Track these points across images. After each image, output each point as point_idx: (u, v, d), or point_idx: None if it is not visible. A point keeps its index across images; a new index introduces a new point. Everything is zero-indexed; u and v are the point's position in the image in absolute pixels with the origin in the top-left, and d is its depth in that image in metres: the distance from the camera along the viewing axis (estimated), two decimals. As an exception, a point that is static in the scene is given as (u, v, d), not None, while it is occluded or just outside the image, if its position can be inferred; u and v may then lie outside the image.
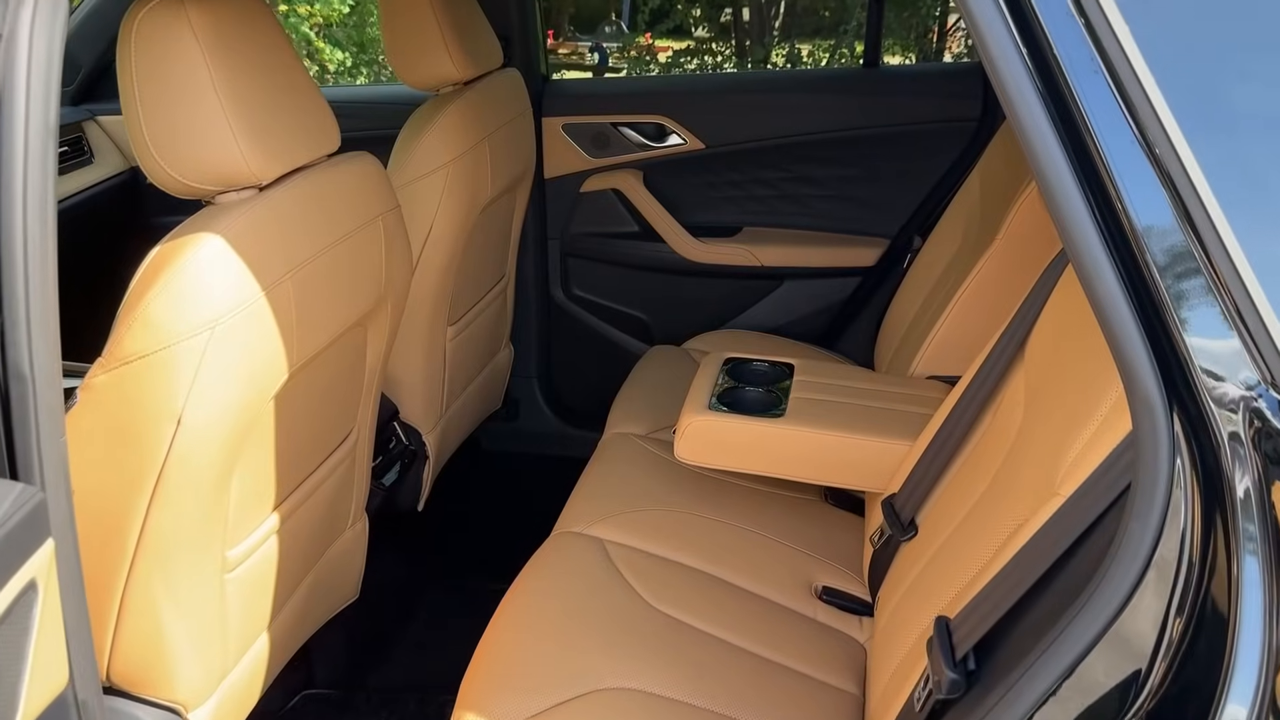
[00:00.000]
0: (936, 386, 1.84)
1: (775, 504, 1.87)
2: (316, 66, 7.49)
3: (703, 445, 1.74)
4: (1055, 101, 0.85)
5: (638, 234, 2.66)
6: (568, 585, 1.62)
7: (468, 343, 2.27)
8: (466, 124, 2.02)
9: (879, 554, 1.62)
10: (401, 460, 2.10)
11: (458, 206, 1.99)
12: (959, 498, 1.43)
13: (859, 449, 1.67)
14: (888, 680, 1.35)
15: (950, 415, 1.53)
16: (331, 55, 7.46)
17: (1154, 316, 0.84)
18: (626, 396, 2.24)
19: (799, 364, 1.92)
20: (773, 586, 1.69)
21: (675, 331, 2.59)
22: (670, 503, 1.84)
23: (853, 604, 1.69)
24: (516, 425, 2.80)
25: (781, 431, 1.70)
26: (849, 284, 2.58)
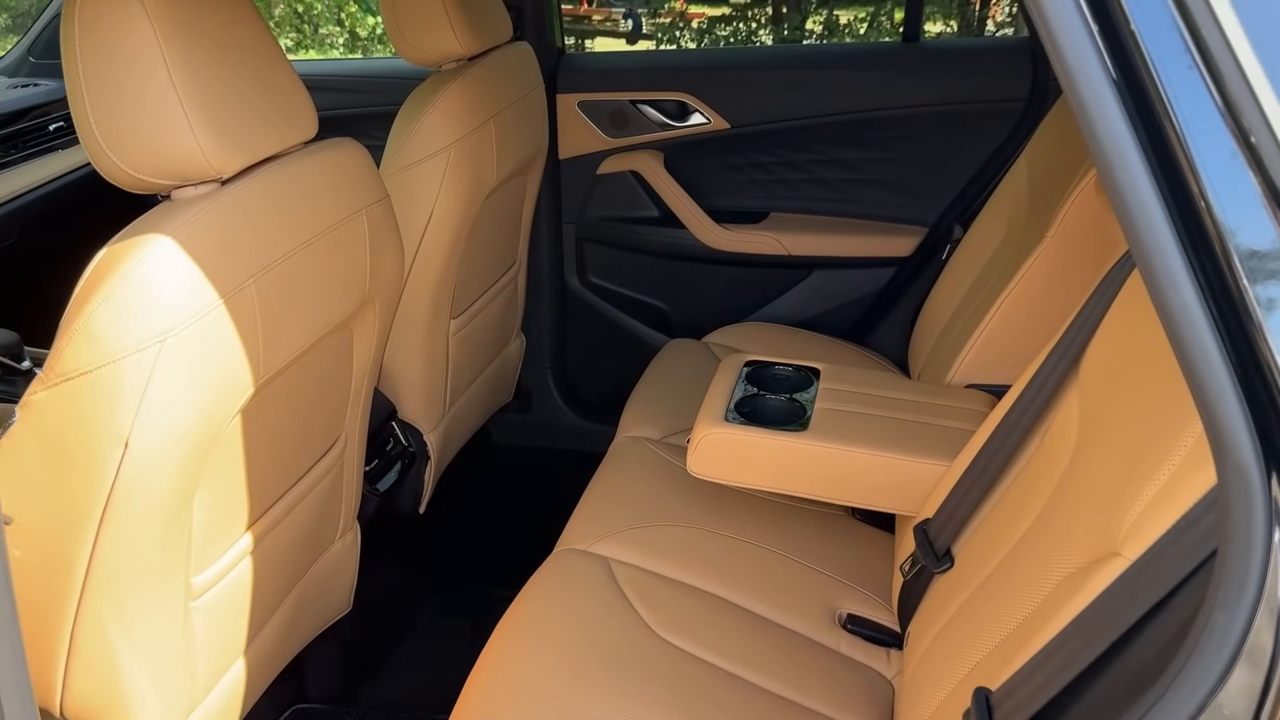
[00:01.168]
0: (977, 398, 1.69)
1: (797, 519, 1.73)
2: (347, 33, 7.34)
3: (718, 460, 1.60)
4: (1124, 74, 0.68)
5: (657, 219, 2.50)
6: (568, 611, 1.49)
7: (473, 336, 2.14)
8: (470, 103, 1.87)
9: (910, 584, 1.47)
10: (400, 462, 1.98)
11: (460, 193, 1.85)
12: (1001, 530, 1.28)
13: (890, 469, 1.52)
14: (918, 742, 1.21)
15: (993, 436, 1.37)
16: (363, 20, 7.29)
17: (1246, 352, 0.68)
18: (641, 396, 2.10)
19: (825, 370, 1.76)
20: (793, 614, 1.55)
21: (696, 323, 2.44)
22: (683, 517, 1.70)
23: (880, 634, 1.55)
24: (528, 417, 2.67)
25: (804, 447, 1.55)
26: (882, 275, 2.41)
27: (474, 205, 1.91)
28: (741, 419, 1.61)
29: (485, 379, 2.29)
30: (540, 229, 2.49)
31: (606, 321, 2.62)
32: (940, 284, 2.15)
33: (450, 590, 2.23)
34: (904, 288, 2.38)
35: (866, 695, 1.44)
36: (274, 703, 1.87)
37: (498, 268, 2.22)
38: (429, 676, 1.98)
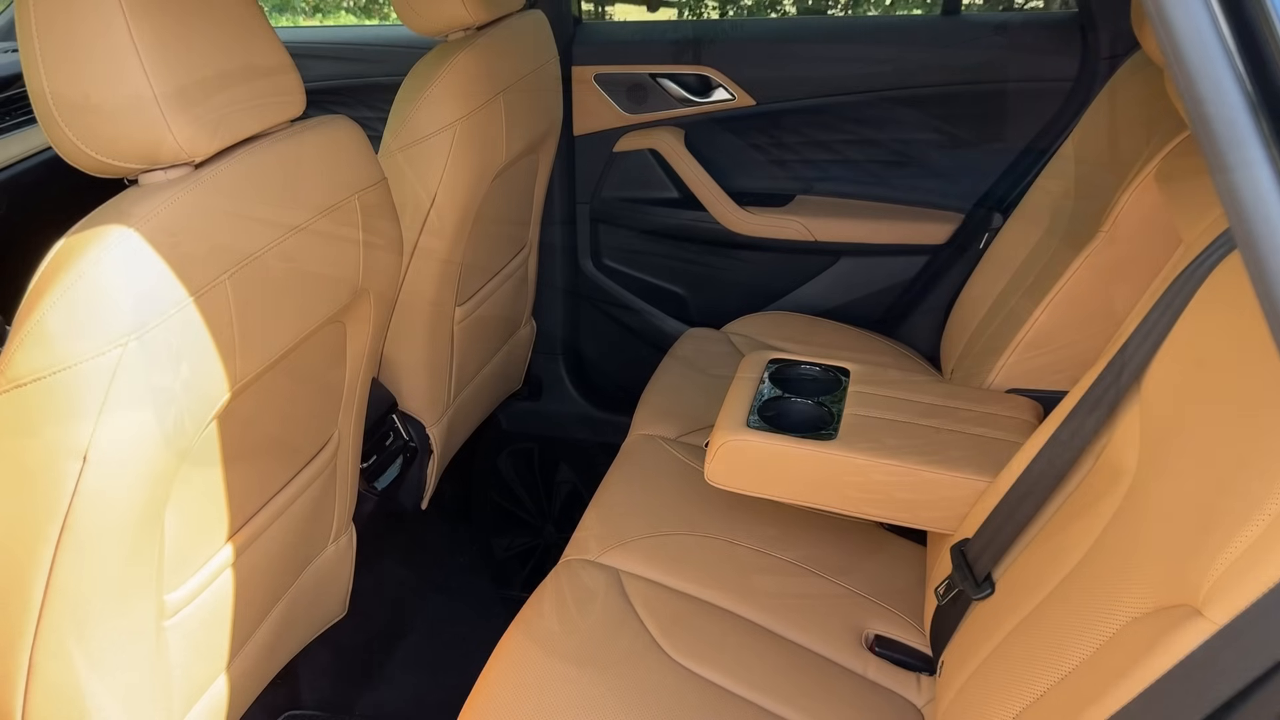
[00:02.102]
0: (1021, 405, 1.56)
1: (822, 529, 1.61)
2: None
3: (738, 468, 1.48)
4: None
5: (677, 200, 2.37)
6: (573, 630, 1.39)
7: (480, 323, 2.02)
8: (478, 76, 1.75)
9: (945, 609, 1.35)
10: (401, 457, 1.87)
11: (466, 173, 1.73)
12: (1050, 559, 1.16)
13: (926, 484, 1.40)
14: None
15: (1042, 452, 1.25)
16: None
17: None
18: (657, 389, 1.98)
19: (855, 370, 1.64)
20: (817, 635, 1.44)
21: (715, 310, 2.32)
22: (699, 526, 1.59)
23: (910, 659, 1.44)
24: (539, 406, 2.56)
25: (832, 458, 1.43)
26: (914, 263, 2.28)
27: (481, 185, 1.79)
28: (765, 425, 1.49)
29: (493, 367, 2.18)
30: (552, 210, 2.36)
31: (621, 307, 2.50)
32: (976, 276, 2.02)
33: (453, 591, 2.13)
34: (937, 278, 2.25)
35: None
36: (265, 708, 1.79)
37: (507, 251, 2.10)
38: (429, 684, 1.89)
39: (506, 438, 2.54)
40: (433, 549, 2.21)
